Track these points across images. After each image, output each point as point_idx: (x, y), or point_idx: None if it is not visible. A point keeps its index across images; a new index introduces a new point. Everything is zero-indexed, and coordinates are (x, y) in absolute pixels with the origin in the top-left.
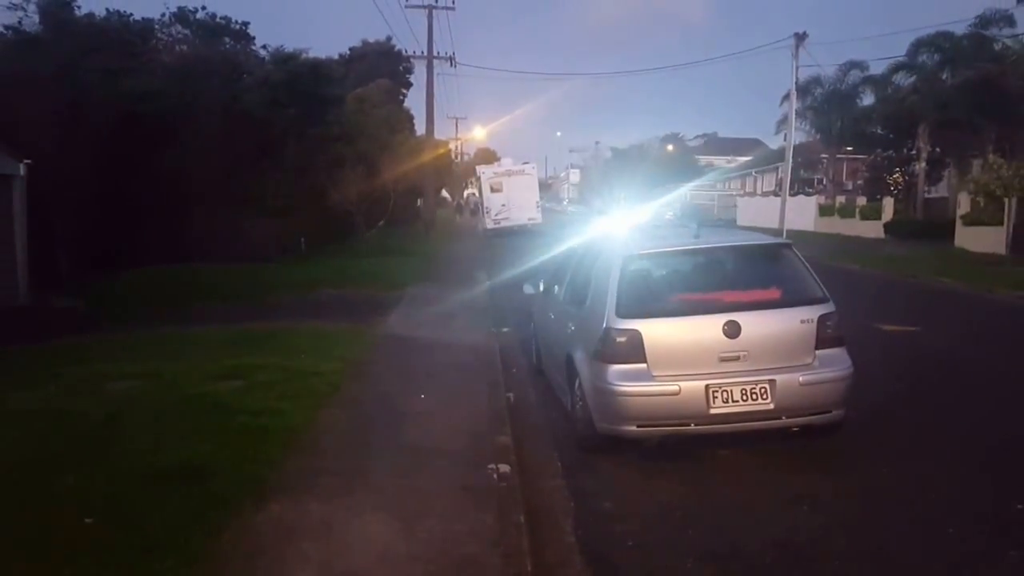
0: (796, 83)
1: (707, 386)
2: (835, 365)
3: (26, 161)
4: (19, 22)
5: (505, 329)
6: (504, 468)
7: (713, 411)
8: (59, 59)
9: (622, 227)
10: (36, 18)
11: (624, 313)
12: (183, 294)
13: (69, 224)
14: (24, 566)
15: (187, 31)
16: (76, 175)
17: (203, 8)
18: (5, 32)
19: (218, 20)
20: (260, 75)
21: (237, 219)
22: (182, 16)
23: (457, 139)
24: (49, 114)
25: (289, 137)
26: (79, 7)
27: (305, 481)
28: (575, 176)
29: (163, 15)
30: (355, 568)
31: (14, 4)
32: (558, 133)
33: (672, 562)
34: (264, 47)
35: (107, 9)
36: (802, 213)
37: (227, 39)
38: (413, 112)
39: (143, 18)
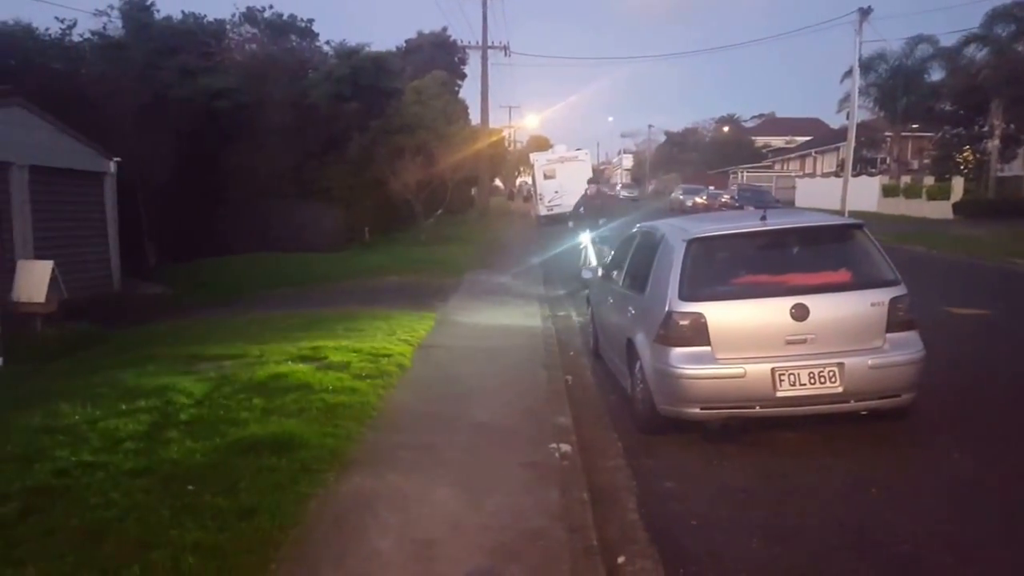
0: (859, 59)
1: (773, 369)
2: (906, 348)
3: (115, 159)
4: (104, 27)
5: (562, 313)
6: (566, 447)
7: (779, 394)
8: (141, 61)
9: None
10: (119, 23)
11: (687, 296)
12: (257, 281)
13: (154, 216)
14: (134, 527)
15: (256, 30)
16: (158, 171)
17: (270, 7)
18: (92, 37)
19: (284, 18)
20: (325, 70)
21: (305, 210)
22: (250, 16)
23: (510, 127)
24: (133, 113)
25: (352, 130)
26: (158, 11)
27: (381, 454)
28: (627, 161)
29: (233, 15)
30: (430, 536)
31: (99, 11)
32: (610, 118)
33: (736, 541)
34: (328, 43)
35: (183, 11)
36: (864, 194)
37: (293, 37)
38: (468, 102)
39: (215, 19)
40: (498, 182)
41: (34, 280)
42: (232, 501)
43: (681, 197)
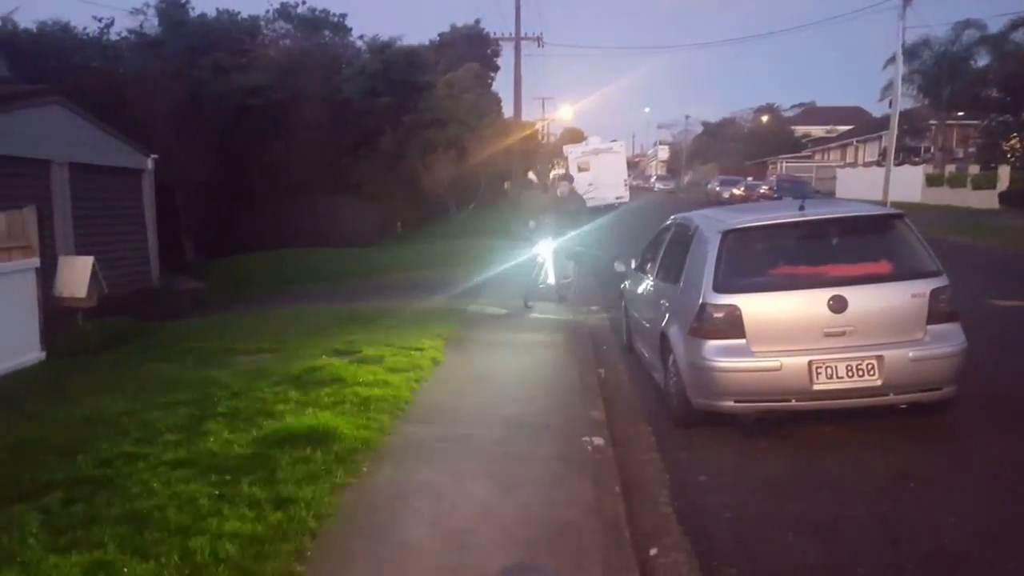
0: (903, 45)
1: (810, 362)
2: (947, 341)
3: (153, 156)
4: (140, 25)
5: (594, 307)
6: (598, 440)
7: (816, 387)
8: (176, 59)
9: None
10: (155, 21)
11: (721, 288)
12: (292, 276)
13: (191, 213)
14: (173, 516)
15: (289, 26)
16: (195, 167)
17: (303, 2)
18: (129, 36)
19: (317, 14)
20: (358, 65)
21: (338, 205)
22: (284, 12)
23: (544, 120)
24: (169, 111)
25: (384, 125)
26: (193, 8)
27: (414, 446)
28: (663, 152)
29: (267, 12)
30: (462, 527)
31: (136, 9)
32: (646, 109)
33: (771, 534)
34: (361, 37)
35: (217, 9)
36: (907, 183)
37: (326, 32)
38: (501, 95)
39: (249, 15)
40: (532, 175)
41: (75, 275)
42: (269, 491)
43: (718, 188)
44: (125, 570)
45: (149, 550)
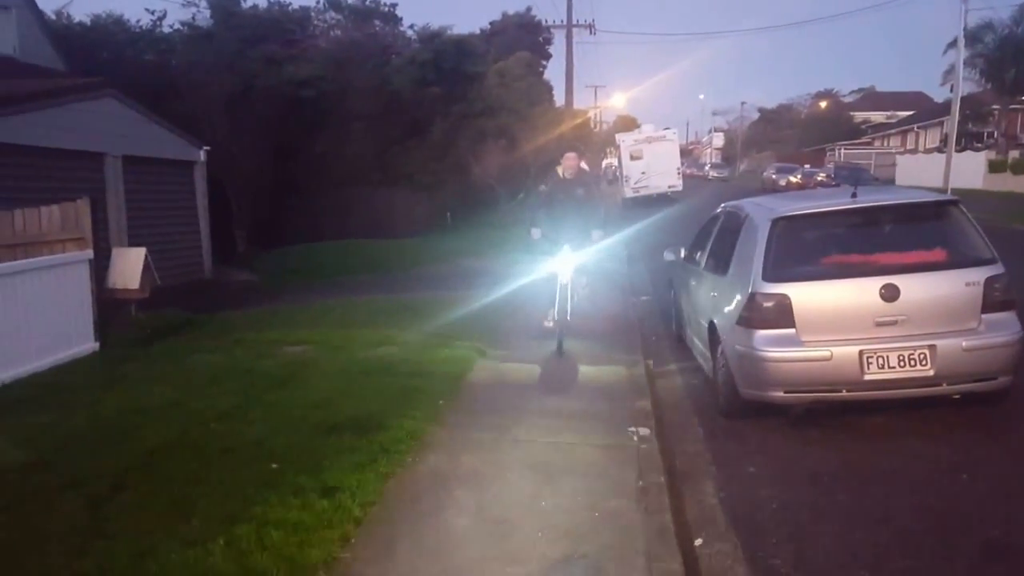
0: (965, 29)
1: (861, 351)
2: (1003, 330)
3: (205, 148)
4: (193, 18)
5: (644, 297)
6: (644, 431)
7: (867, 377)
8: (228, 51)
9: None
10: (207, 13)
11: (771, 277)
12: (342, 267)
13: (242, 204)
14: (220, 503)
15: (340, 16)
16: (246, 159)
17: None
18: (181, 28)
19: (368, 4)
20: (408, 55)
21: (388, 196)
22: (335, 2)
23: (596, 108)
24: (221, 103)
25: (434, 115)
26: (244, 0)
27: (458, 436)
28: (718, 140)
29: (318, 2)
30: (505, 516)
31: (188, 1)
32: (701, 95)
33: (818, 525)
34: (411, 27)
35: (268, 0)
36: (969, 170)
37: (377, 22)
38: (552, 83)
39: (300, 6)
40: (583, 164)
41: (128, 267)
42: (314, 479)
43: (774, 176)
44: (171, 557)
45: (195, 537)
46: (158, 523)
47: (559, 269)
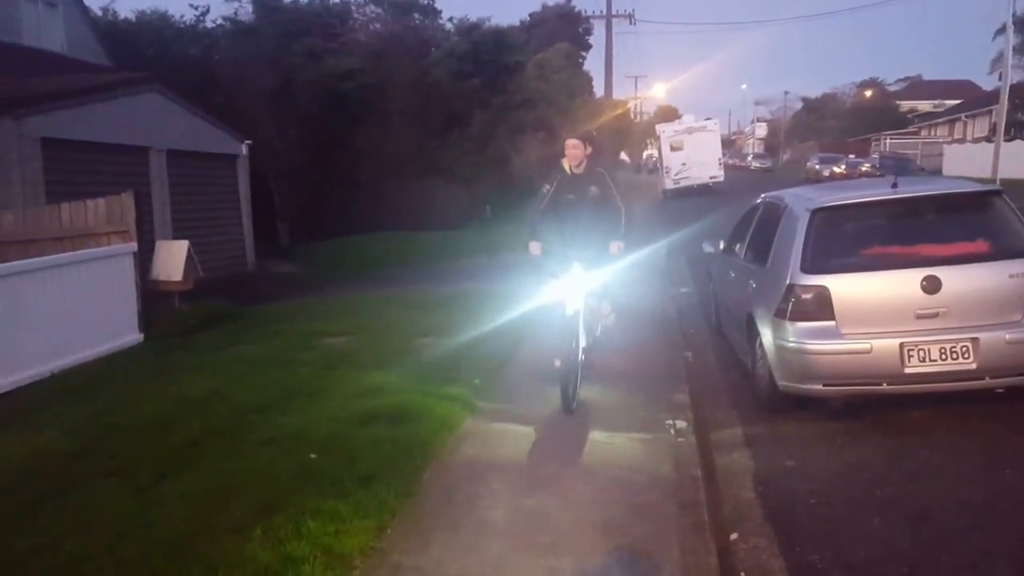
0: (1013, 15)
1: (901, 344)
2: None
3: (247, 142)
4: (235, 12)
5: (684, 290)
6: (681, 424)
7: (908, 370)
8: (270, 45)
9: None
10: (250, 8)
11: (810, 269)
12: (382, 260)
13: (285, 197)
14: (259, 492)
15: (380, 9)
16: (287, 152)
17: None
18: (224, 23)
19: None
20: (447, 48)
21: (427, 188)
22: None
23: (636, 98)
24: (263, 97)
25: (473, 107)
26: None
27: (494, 427)
28: (761, 130)
29: None
30: (540, 507)
31: None
32: (743, 85)
33: (857, 521)
34: (450, 19)
35: None
36: (1019, 160)
37: (416, 14)
38: (592, 74)
39: (341, 0)
40: (623, 155)
41: (171, 259)
42: (351, 469)
43: (817, 166)
44: (211, 544)
45: (235, 525)
46: (198, 511)
47: (566, 296)
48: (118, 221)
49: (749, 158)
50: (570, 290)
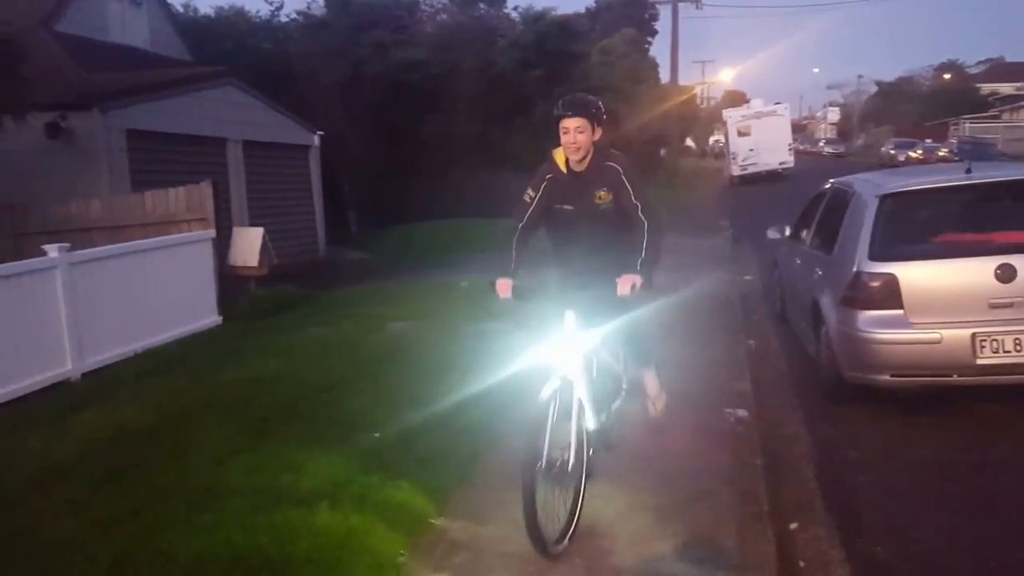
0: None
1: (974, 335)
2: None
3: (319, 132)
4: (308, 7)
5: (748, 277)
6: (742, 413)
7: (980, 362)
8: (340, 38)
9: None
10: (322, 2)
11: (878, 256)
12: (448, 246)
13: (353, 186)
14: (325, 467)
15: (446, 0)
16: (356, 142)
17: None
18: (297, 17)
19: None
20: (511, 37)
21: (491, 176)
22: None
23: (703, 83)
24: (334, 89)
25: (538, 96)
26: None
27: None
28: (833, 115)
29: None
30: (596, 490)
31: None
32: (815, 69)
33: (921, 514)
34: (515, 9)
35: None
36: None
37: (482, 5)
38: (658, 60)
39: None
40: (690, 141)
41: (248, 245)
42: (410, 450)
43: (893, 151)
44: (281, 514)
45: (303, 498)
46: (270, 483)
47: (554, 366)
48: (198, 209)
49: (821, 143)
50: (557, 355)
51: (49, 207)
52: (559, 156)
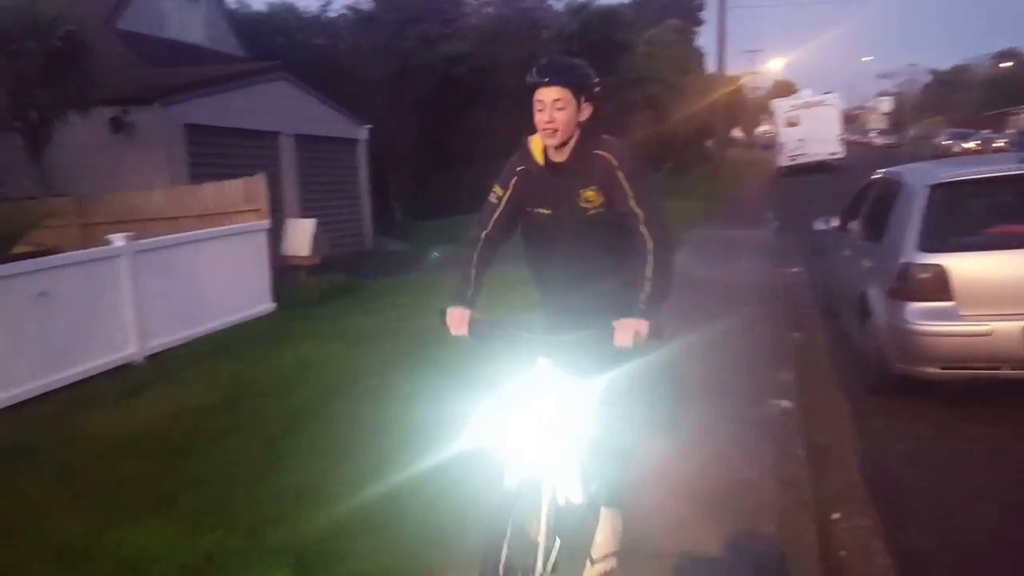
0: None
1: None
2: None
3: (367, 126)
4: (356, 1)
5: (795, 269)
6: (785, 403)
7: None
8: (387, 32)
9: None
10: None
11: (927, 247)
12: None
13: (399, 179)
14: (374, 445)
15: None
16: (402, 135)
17: None
18: (346, 12)
19: None
20: (555, 28)
21: None
22: None
23: (751, 73)
24: (380, 82)
25: None
26: None
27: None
28: (885, 104)
29: None
30: (635, 481)
31: None
32: (867, 58)
33: (969, 508)
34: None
35: None
36: None
37: None
38: (705, 50)
39: None
40: (737, 132)
41: (300, 236)
42: (452, 427)
43: (948, 142)
44: (331, 491)
45: (355, 475)
46: (323, 461)
47: (511, 432)
48: (253, 200)
49: (872, 134)
50: (523, 420)
51: (113, 198)
52: (535, 143)
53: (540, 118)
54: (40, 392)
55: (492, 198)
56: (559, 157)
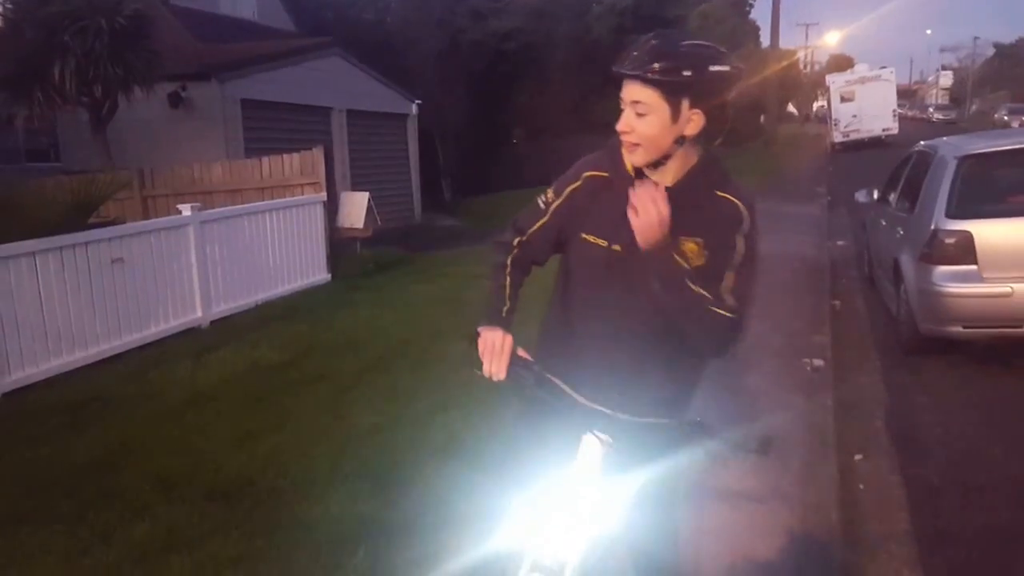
0: None
1: None
2: None
3: (416, 101)
4: None
5: (841, 242)
6: (818, 362)
7: None
8: (437, 8)
9: None
10: None
11: (954, 214)
12: None
13: (448, 154)
14: (433, 394)
15: None
16: (452, 111)
17: None
18: None
19: None
20: (607, 3)
21: (586, 144)
22: None
23: (806, 48)
24: (431, 58)
25: None
26: None
27: None
28: (946, 79)
29: None
30: None
31: None
32: (928, 31)
33: (983, 450)
34: None
35: None
36: None
37: None
38: (759, 23)
39: None
40: (791, 107)
41: (354, 209)
42: (494, 395)
43: (1006, 117)
44: (397, 432)
45: (417, 418)
46: (388, 405)
47: (541, 522)
48: (310, 173)
49: (931, 110)
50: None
51: (173, 171)
52: (628, 156)
53: (632, 127)
54: (117, 351)
55: (540, 202)
56: (661, 177)
